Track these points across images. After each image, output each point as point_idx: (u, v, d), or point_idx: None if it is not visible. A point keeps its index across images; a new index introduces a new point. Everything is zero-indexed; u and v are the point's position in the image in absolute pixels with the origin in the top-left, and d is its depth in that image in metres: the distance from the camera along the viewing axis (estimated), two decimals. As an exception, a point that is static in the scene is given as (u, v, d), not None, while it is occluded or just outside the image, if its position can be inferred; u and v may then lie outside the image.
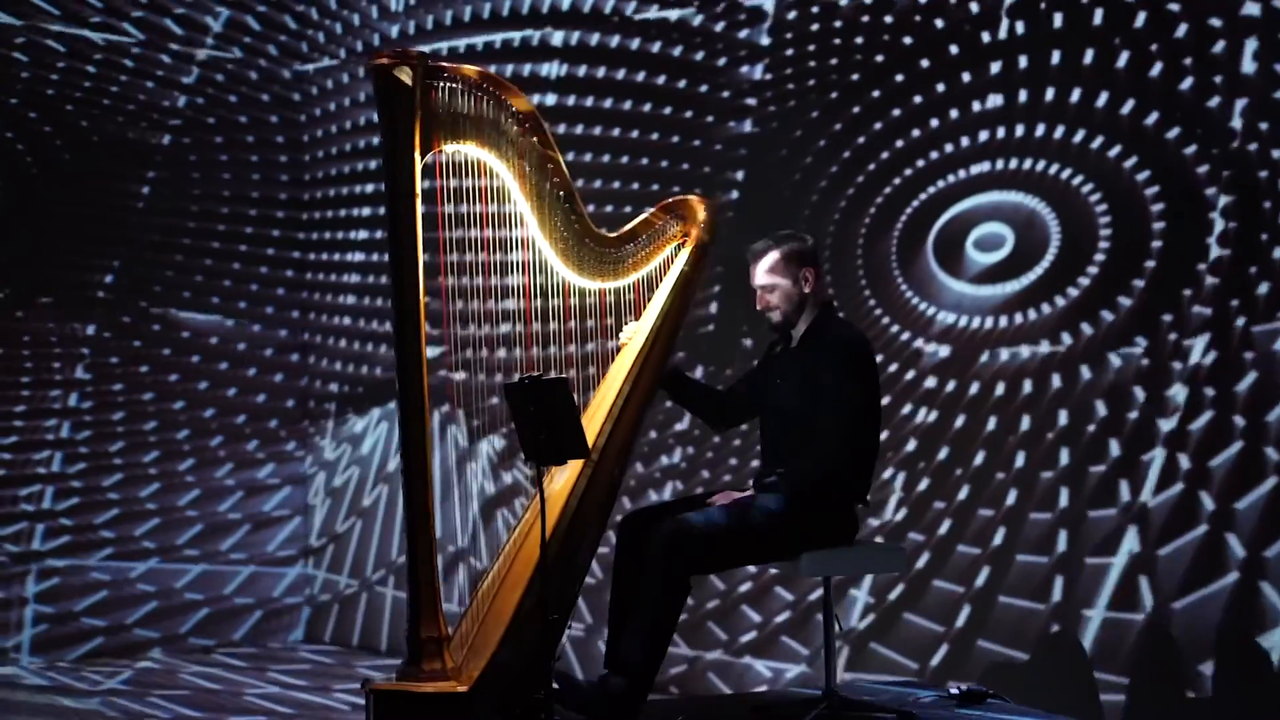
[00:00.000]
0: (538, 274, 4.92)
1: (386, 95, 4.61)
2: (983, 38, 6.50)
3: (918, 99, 6.69)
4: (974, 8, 6.53)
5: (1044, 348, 6.24)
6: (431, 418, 4.62)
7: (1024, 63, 6.38)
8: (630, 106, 7.66)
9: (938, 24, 6.63)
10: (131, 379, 8.30)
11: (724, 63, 7.29)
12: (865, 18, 6.85)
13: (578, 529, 4.72)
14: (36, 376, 8.01)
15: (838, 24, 6.94)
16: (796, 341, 5.00)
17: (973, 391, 6.44)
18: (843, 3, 6.90)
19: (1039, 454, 6.21)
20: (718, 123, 7.32)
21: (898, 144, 6.74)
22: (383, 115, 4.65)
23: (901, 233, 6.71)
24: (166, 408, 8.38)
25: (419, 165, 4.60)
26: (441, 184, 4.75)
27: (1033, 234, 6.32)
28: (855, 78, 6.88)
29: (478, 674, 4.45)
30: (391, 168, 4.62)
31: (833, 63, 6.96)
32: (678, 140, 7.47)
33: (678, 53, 7.45)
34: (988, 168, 6.47)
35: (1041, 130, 6.32)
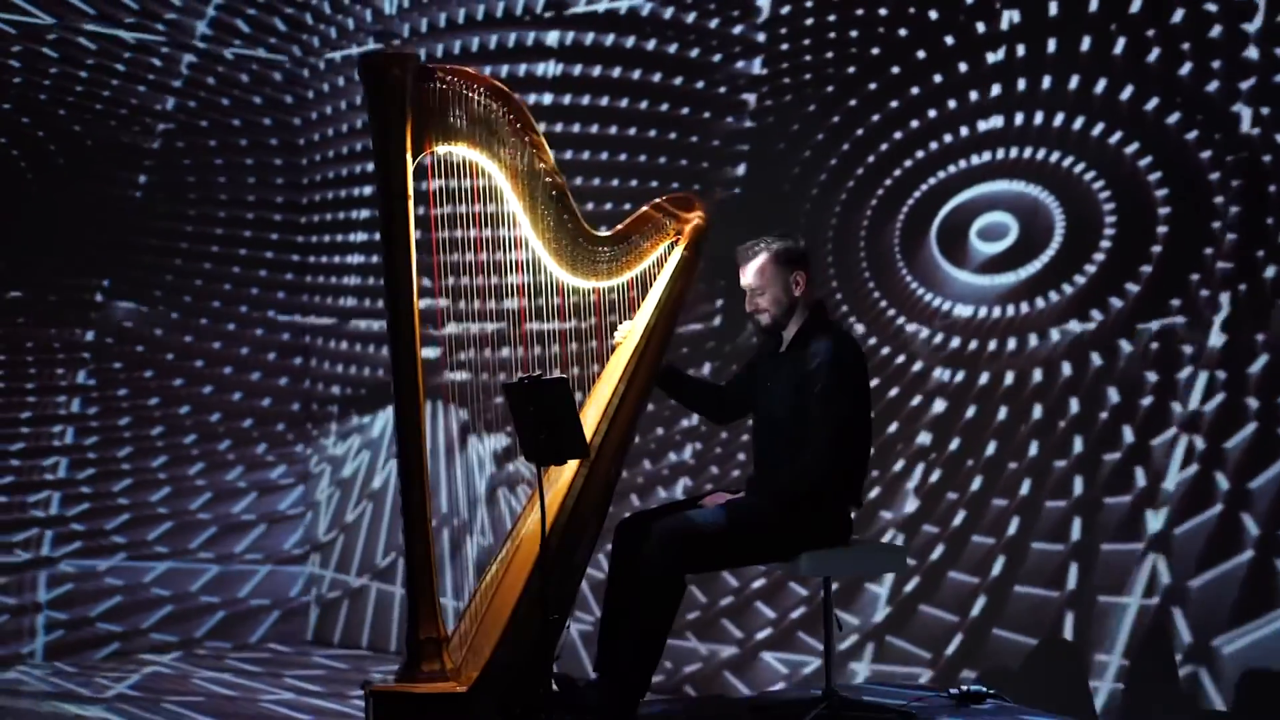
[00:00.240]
0: (531, 274, 4.90)
1: (378, 96, 4.62)
2: (978, 28, 6.48)
3: (915, 90, 6.67)
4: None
5: (1054, 335, 6.22)
6: (429, 418, 4.60)
7: (1021, 51, 6.36)
8: (626, 104, 7.64)
9: (931, 15, 6.62)
10: (136, 384, 8.30)
11: (719, 59, 7.28)
12: (860, 10, 6.84)
13: (575, 529, 4.71)
14: (41, 383, 8.01)
15: (832, 18, 6.94)
16: (786, 345, 4.95)
17: (982, 382, 6.41)
18: None
19: (1051, 442, 6.19)
20: (715, 118, 7.30)
21: (896, 135, 6.72)
22: (375, 116, 4.65)
23: (904, 224, 6.68)
24: (172, 412, 8.38)
25: (411, 166, 4.59)
26: (434, 185, 4.74)
27: (1037, 222, 6.29)
28: (851, 70, 6.86)
29: (477, 675, 4.44)
30: (384, 169, 4.62)
31: (828, 56, 6.94)
32: (675, 137, 7.45)
33: (673, 50, 7.44)
34: (988, 157, 6.44)
35: (1040, 118, 6.29)
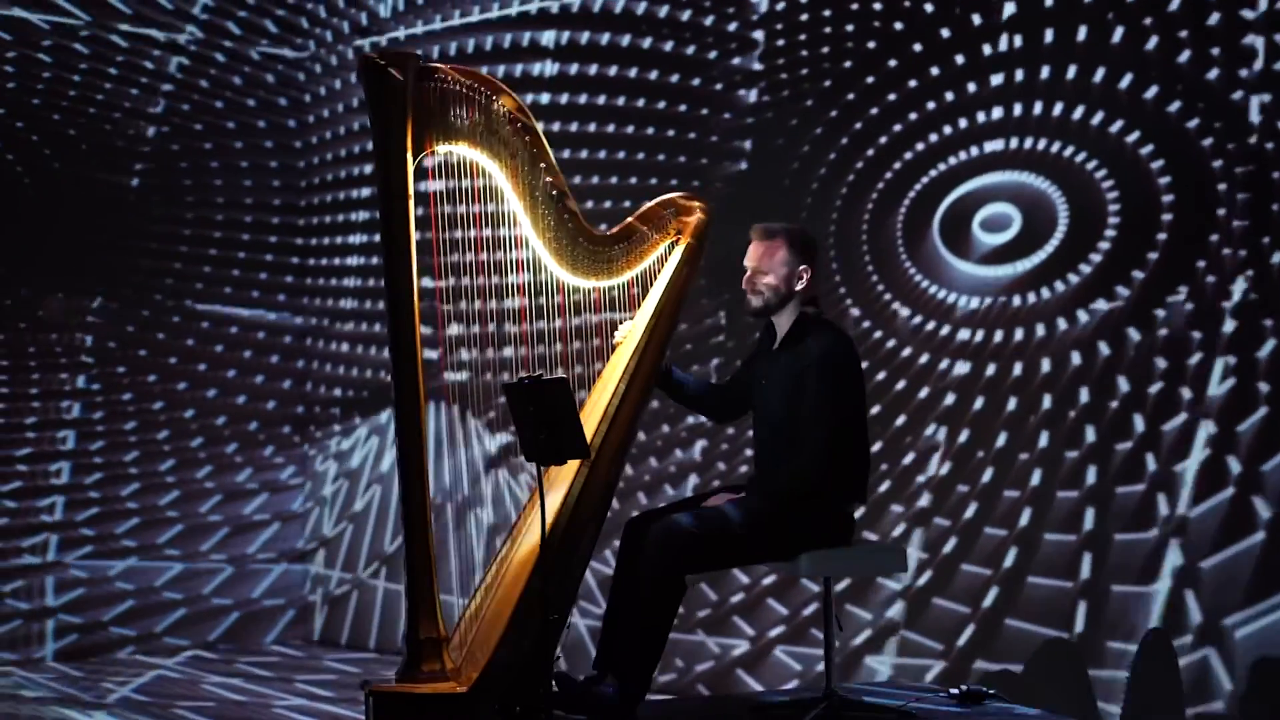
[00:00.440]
0: (532, 273, 4.88)
1: (379, 96, 4.59)
2: (973, 20, 6.48)
3: (913, 83, 6.67)
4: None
5: (1061, 325, 6.20)
6: (429, 418, 4.59)
7: (1018, 42, 6.36)
8: (624, 102, 7.64)
9: (928, 8, 6.60)
10: (140, 388, 8.30)
11: (716, 55, 7.27)
12: (855, 5, 6.83)
13: (574, 528, 4.68)
14: (44, 388, 8.02)
15: (827, 12, 6.93)
16: (779, 342, 4.91)
17: (990, 373, 6.39)
18: None
19: (1062, 432, 6.17)
20: (713, 115, 7.29)
21: (896, 128, 6.72)
22: (375, 116, 4.62)
23: (906, 216, 6.67)
24: (177, 416, 8.38)
25: (411, 166, 4.57)
26: (434, 185, 4.72)
27: (1040, 213, 6.28)
28: (848, 65, 6.86)
29: (477, 675, 4.42)
30: (384, 169, 4.59)
31: (825, 51, 6.95)
32: (674, 133, 7.44)
33: (669, 47, 7.43)
34: (989, 148, 6.44)
35: (1039, 109, 6.29)
